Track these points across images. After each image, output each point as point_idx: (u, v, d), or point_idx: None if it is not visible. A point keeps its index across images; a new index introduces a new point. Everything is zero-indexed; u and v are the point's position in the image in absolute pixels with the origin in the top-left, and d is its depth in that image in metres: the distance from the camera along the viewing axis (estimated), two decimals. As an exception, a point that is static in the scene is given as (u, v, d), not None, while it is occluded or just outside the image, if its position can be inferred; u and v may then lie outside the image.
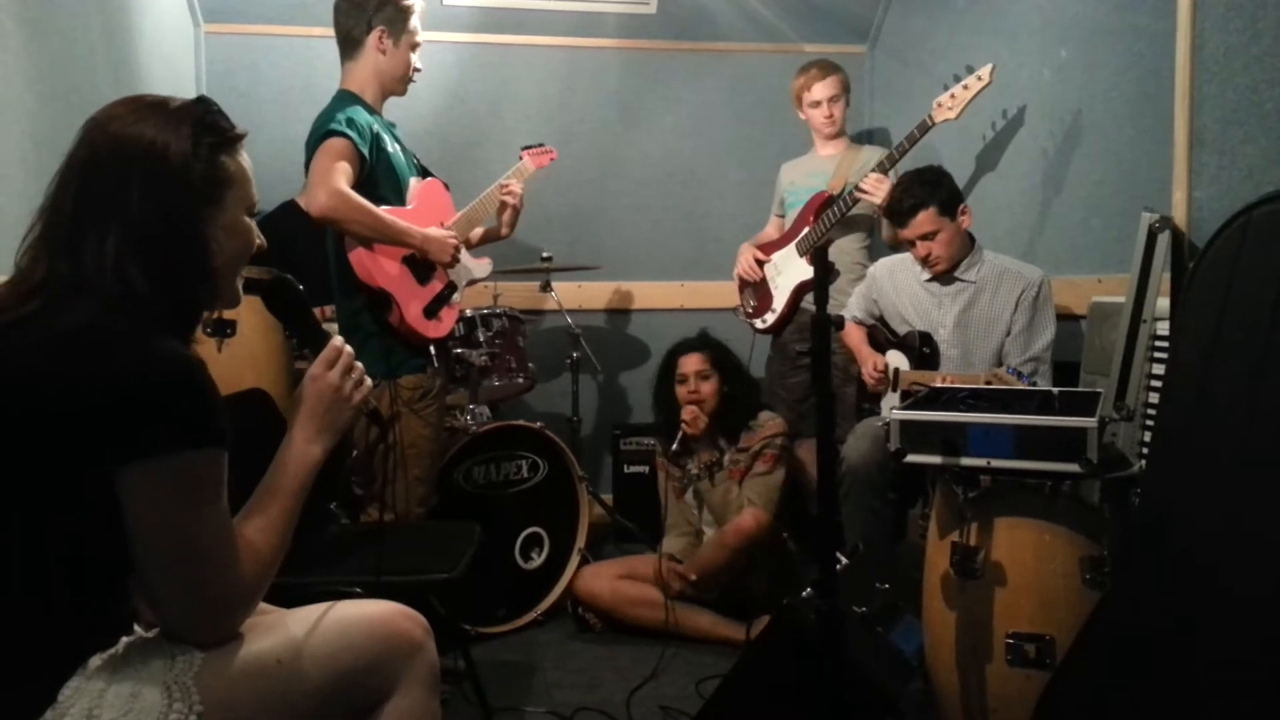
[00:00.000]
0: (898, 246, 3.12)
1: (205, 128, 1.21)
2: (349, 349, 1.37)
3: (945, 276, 2.89)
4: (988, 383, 2.46)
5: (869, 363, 2.99)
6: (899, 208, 2.81)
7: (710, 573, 2.94)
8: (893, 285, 3.06)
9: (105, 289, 1.12)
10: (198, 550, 1.12)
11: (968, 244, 2.87)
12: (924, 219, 2.78)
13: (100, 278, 1.12)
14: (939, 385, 2.48)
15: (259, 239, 1.31)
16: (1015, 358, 2.76)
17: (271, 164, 3.85)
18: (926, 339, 2.91)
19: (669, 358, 3.23)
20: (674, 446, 3.06)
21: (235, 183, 1.24)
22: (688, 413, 3.05)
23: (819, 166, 3.61)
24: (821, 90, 3.53)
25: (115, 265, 1.12)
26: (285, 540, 1.24)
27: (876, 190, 3.15)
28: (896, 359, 2.97)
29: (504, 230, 3.00)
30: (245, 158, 1.28)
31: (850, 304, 3.24)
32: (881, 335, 3.11)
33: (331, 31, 2.72)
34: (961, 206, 2.83)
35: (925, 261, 2.86)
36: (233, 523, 1.17)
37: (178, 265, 1.17)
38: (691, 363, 3.13)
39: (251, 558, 1.18)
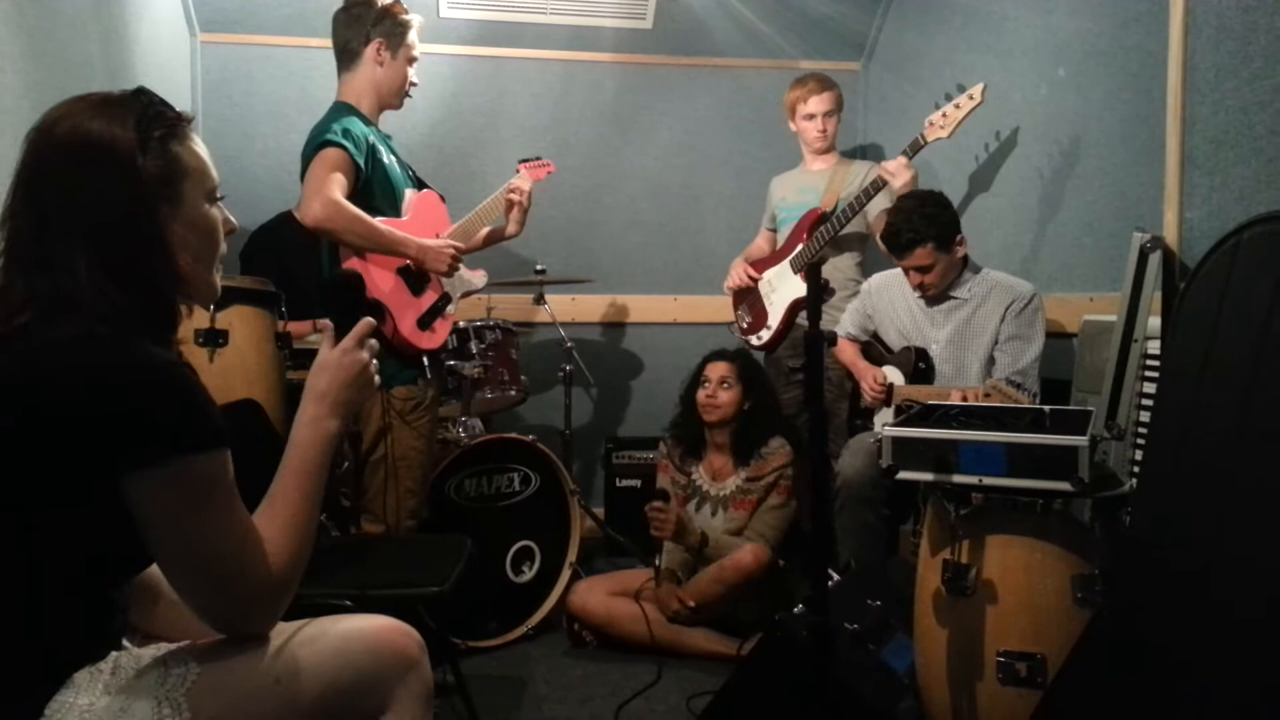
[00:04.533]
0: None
1: (150, 120, 1.18)
2: (374, 341, 1.38)
3: (939, 295, 2.91)
4: (986, 395, 2.47)
5: (869, 376, 2.98)
6: (897, 240, 2.79)
7: (707, 604, 2.94)
8: (888, 300, 3.06)
9: (86, 301, 1.10)
10: (217, 551, 1.12)
11: (961, 266, 2.89)
12: (921, 254, 2.77)
13: (78, 291, 1.11)
14: (933, 402, 2.48)
15: (229, 222, 1.29)
16: (1005, 369, 2.76)
17: (266, 174, 3.89)
18: (922, 355, 2.91)
19: (701, 363, 3.27)
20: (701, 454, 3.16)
21: (189, 172, 1.21)
22: (705, 402, 3.13)
23: (810, 182, 3.62)
24: (817, 105, 3.55)
25: (89, 277, 1.11)
26: (310, 524, 1.23)
27: (898, 175, 3.13)
28: (891, 375, 2.98)
29: (512, 228, 3.00)
30: (197, 142, 1.24)
31: (844, 320, 3.25)
32: (875, 351, 3.12)
33: (328, 43, 2.73)
34: (959, 237, 2.83)
35: (919, 288, 2.88)
36: (250, 519, 1.16)
37: (145, 268, 1.16)
38: (718, 369, 3.17)
39: (275, 550, 1.17)
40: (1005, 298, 2.81)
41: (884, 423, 2.59)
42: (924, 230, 2.75)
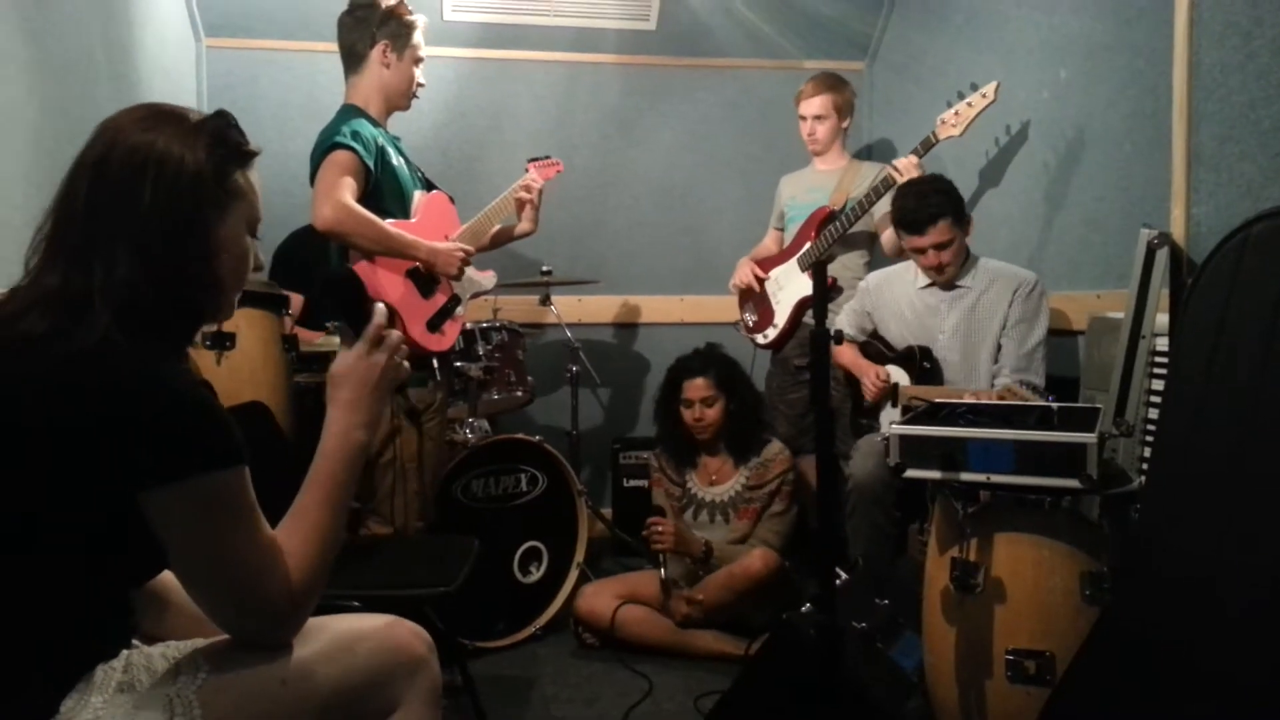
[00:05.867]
0: (902, 258, 3.13)
1: (221, 141, 1.21)
2: (395, 332, 1.35)
3: (944, 283, 2.91)
4: (1001, 398, 2.46)
5: (870, 373, 2.97)
6: (916, 216, 2.79)
7: (716, 609, 2.94)
8: (890, 296, 3.06)
9: (115, 301, 1.11)
10: (236, 567, 1.12)
11: (966, 252, 2.91)
12: (943, 228, 2.77)
13: (111, 289, 1.11)
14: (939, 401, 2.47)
15: (258, 259, 1.31)
16: (1011, 354, 2.77)
17: (271, 179, 3.84)
18: (926, 353, 2.90)
19: (674, 376, 3.22)
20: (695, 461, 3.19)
21: (242, 198, 1.24)
22: (694, 424, 3.13)
23: (819, 181, 3.61)
24: (805, 108, 3.56)
25: (126, 276, 1.12)
26: (334, 537, 1.22)
27: (907, 174, 3.12)
28: (895, 374, 2.97)
29: (525, 225, 3.01)
30: (255, 175, 1.28)
31: (839, 321, 3.23)
32: (875, 350, 3.10)
33: (332, 46, 2.73)
34: (968, 218, 2.87)
35: (936, 270, 2.86)
36: (270, 533, 1.17)
37: (183, 275, 1.17)
38: (697, 388, 3.14)
39: (297, 563, 1.17)
40: (1011, 284, 2.81)
41: (891, 421, 2.59)
42: (942, 205, 2.76)
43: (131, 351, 1.09)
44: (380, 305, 1.35)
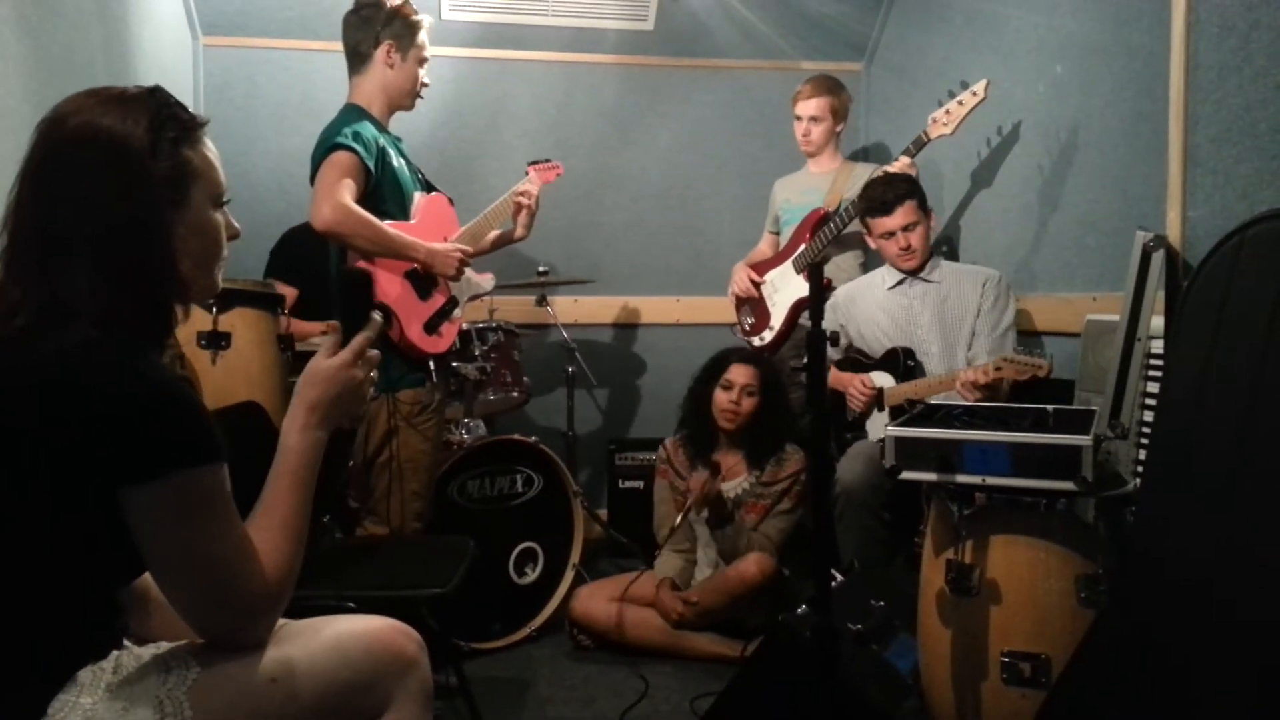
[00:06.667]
0: None
1: (164, 121, 1.17)
2: (375, 352, 1.37)
3: (911, 278, 2.99)
4: (998, 369, 2.51)
5: (855, 381, 2.99)
6: (883, 198, 2.95)
7: (710, 612, 2.93)
8: (861, 305, 3.10)
9: (82, 304, 1.10)
10: (213, 563, 1.12)
11: (931, 246, 3.02)
12: (909, 208, 2.93)
13: (75, 293, 1.10)
14: (936, 401, 2.48)
15: (233, 228, 1.28)
16: (984, 337, 2.87)
17: (268, 177, 3.90)
18: (909, 353, 2.93)
19: (721, 358, 3.21)
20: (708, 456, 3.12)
21: (199, 176, 1.21)
22: (727, 406, 3.09)
23: (812, 183, 3.62)
24: (802, 108, 3.57)
25: (88, 278, 1.10)
26: (302, 532, 1.22)
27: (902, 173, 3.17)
28: (881, 379, 2.98)
29: (519, 232, 3.01)
30: (208, 145, 1.24)
31: None
32: (852, 362, 3.11)
33: (330, 46, 2.74)
34: (930, 210, 3.02)
35: (905, 252, 2.96)
36: (245, 529, 1.16)
37: (145, 272, 1.15)
38: (743, 374, 3.12)
39: (270, 560, 1.17)
40: (979, 277, 2.94)
41: (885, 424, 2.59)
42: (909, 189, 2.95)
43: (110, 349, 1.09)
44: (376, 317, 1.35)
